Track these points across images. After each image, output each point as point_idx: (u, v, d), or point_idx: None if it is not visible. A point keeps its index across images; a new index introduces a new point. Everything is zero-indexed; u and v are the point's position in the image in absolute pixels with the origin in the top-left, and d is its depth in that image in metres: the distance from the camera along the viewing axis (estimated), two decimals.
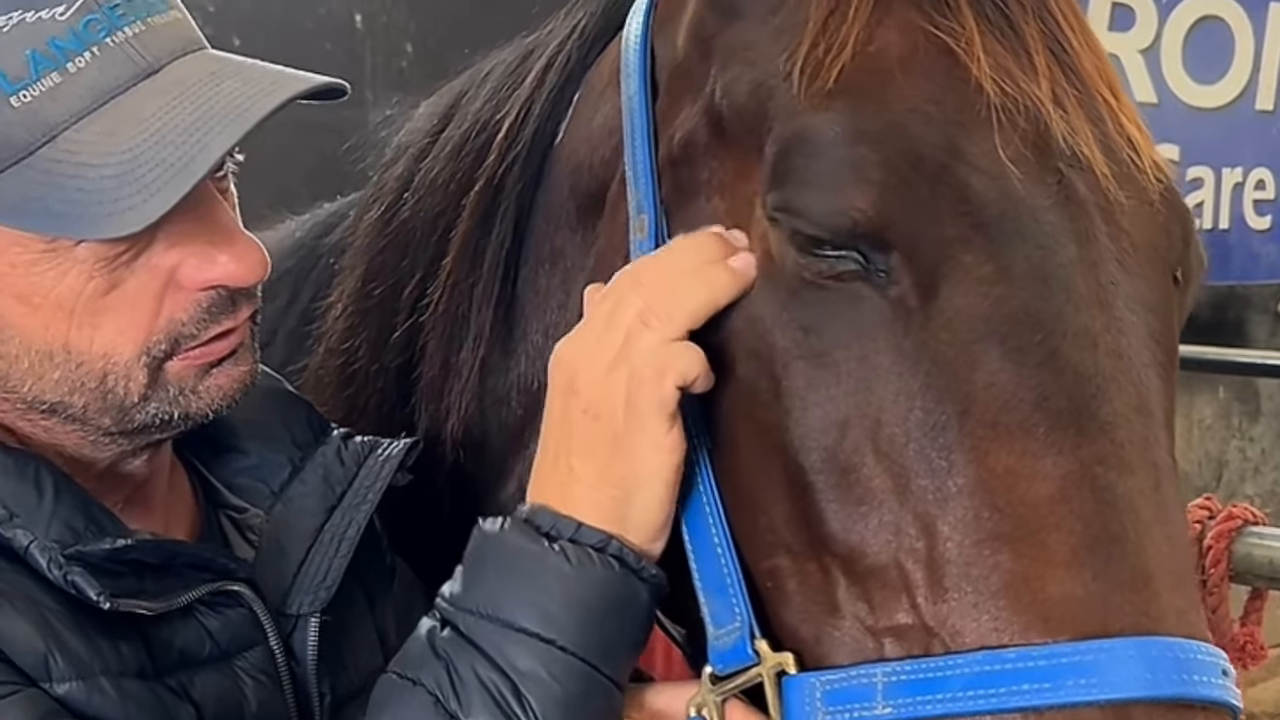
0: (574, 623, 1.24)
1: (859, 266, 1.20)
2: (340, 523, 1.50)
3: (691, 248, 1.28)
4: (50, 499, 1.31)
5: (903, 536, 1.17)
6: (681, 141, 1.36)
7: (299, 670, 1.43)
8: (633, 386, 1.24)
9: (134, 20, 1.29)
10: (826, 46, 1.23)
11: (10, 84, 1.23)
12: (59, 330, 1.29)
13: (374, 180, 1.85)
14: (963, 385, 1.17)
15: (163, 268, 1.31)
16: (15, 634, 1.23)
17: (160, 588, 1.33)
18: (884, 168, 1.18)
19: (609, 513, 1.26)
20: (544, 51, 1.61)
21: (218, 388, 1.37)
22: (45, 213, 1.24)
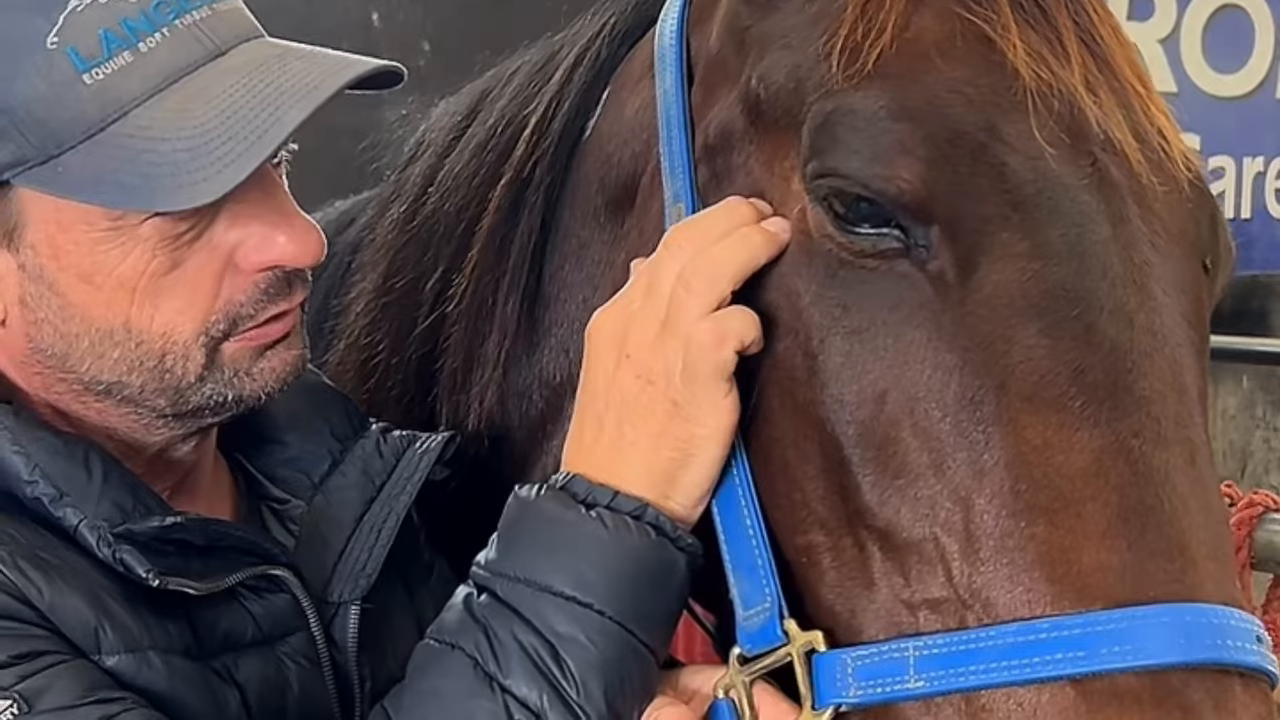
0: (611, 588, 1.26)
1: (899, 244, 1.23)
2: (379, 513, 1.53)
3: (724, 213, 1.32)
4: (99, 479, 1.34)
5: (939, 509, 1.20)
6: (718, 129, 1.39)
7: (339, 658, 1.46)
8: (692, 352, 1.27)
9: (200, 5, 1.34)
10: (865, 31, 1.27)
11: (84, 61, 1.28)
12: (120, 309, 1.33)
13: (392, 178, 1.87)
14: (1000, 359, 1.20)
15: (223, 248, 1.34)
16: (66, 606, 1.26)
17: (205, 569, 1.36)
18: (927, 143, 1.22)
19: (661, 476, 1.29)
20: (572, 50, 1.65)
21: (271, 370, 1.41)
22: (118, 186, 1.28)
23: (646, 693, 1.30)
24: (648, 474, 1.29)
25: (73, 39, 1.27)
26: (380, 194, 1.90)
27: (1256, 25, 6.02)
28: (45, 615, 1.25)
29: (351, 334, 1.76)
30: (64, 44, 1.27)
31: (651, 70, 1.50)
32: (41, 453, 1.33)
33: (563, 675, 1.25)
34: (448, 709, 1.27)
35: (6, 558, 1.26)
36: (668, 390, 1.28)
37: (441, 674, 1.28)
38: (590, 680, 1.25)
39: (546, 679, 1.24)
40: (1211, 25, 5.84)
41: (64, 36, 1.28)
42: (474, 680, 1.26)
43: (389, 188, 1.86)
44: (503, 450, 1.63)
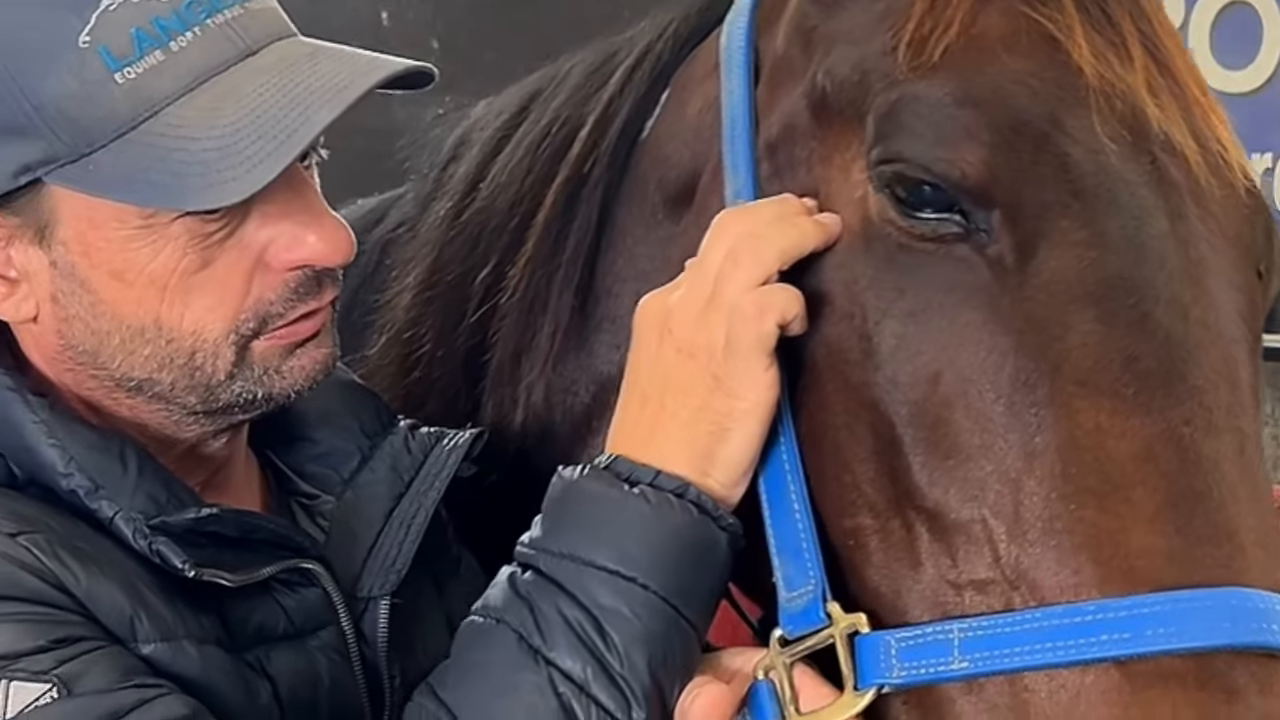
0: (654, 563, 1.28)
1: (959, 229, 1.26)
2: (409, 509, 1.54)
3: (774, 202, 1.36)
4: (134, 472, 1.36)
5: (989, 490, 1.22)
6: (781, 125, 1.43)
7: (369, 652, 1.48)
8: (733, 323, 1.30)
9: (233, 4, 1.35)
10: (932, 26, 1.30)
11: (116, 61, 1.29)
12: (151, 306, 1.34)
13: (430, 176, 1.89)
14: (1055, 344, 1.22)
15: (253, 247, 1.36)
16: (102, 594, 1.28)
17: (239, 561, 1.38)
18: (991, 129, 1.25)
19: (700, 450, 1.31)
20: (630, 52, 1.68)
21: (301, 368, 1.42)
22: (147, 185, 1.29)
23: (688, 670, 1.32)
24: (688, 449, 1.31)
25: (105, 38, 1.29)
26: (416, 192, 1.92)
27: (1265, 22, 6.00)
28: (82, 603, 1.27)
29: (393, 327, 1.78)
30: (96, 42, 1.28)
31: (715, 71, 1.53)
32: (77, 446, 1.35)
33: (607, 648, 1.26)
34: (493, 682, 1.29)
35: (45, 545, 1.27)
36: (709, 364, 1.31)
37: (486, 648, 1.30)
38: (634, 653, 1.26)
39: (590, 652, 1.26)
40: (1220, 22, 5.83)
41: (96, 35, 1.29)
42: (519, 653, 1.28)
43: (427, 185, 1.88)
44: (546, 444, 1.65)
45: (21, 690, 1.20)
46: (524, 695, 1.27)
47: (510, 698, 1.27)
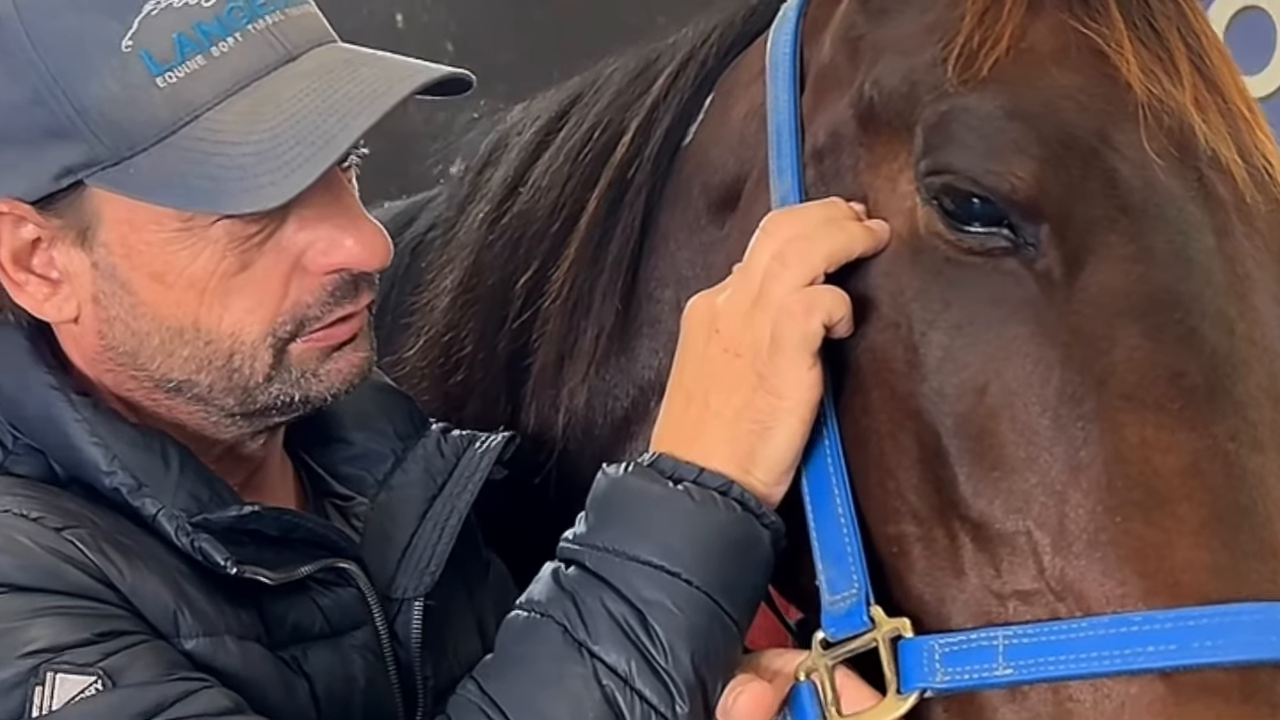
0: (698, 558, 1.29)
1: (1007, 243, 1.27)
2: (442, 511, 1.55)
3: (822, 205, 1.37)
4: (176, 470, 1.38)
5: (1034, 502, 1.23)
6: (827, 133, 1.44)
7: (403, 653, 1.49)
8: (779, 321, 1.31)
9: (274, 10, 1.36)
10: (981, 39, 1.31)
11: (157, 65, 1.31)
12: (190, 308, 1.36)
13: (465, 179, 1.90)
14: (1101, 358, 1.23)
15: (291, 250, 1.37)
16: (146, 589, 1.30)
17: (278, 560, 1.39)
18: (1041, 143, 1.26)
19: (742, 448, 1.32)
20: (673, 57, 1.69)
21: (338, 372, 1.43)
22: (186, 189, 1.31)
23: (730, 667, 1.33)
24: (730, 446, 1.32)
25: (146, 42, 1.30)
26: (450, 195, 1.93)
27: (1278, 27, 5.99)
28: (126, 597, 1.28)
29: (431, 330, 1.79)
30: (138, 47, 1.30)
31: (760, 78, 1.54)
32: (119, 444, 1.37)
33: (651, 642, 1.27)
34: (538, 675, 1.30)
35: (89, 540, 1.29)
36: (754, 362, 1.32)
37: (531, 641, 1.31)
38: (678, 647, 1.27)
39: (635, 645, 1.27)
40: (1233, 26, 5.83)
41: (138, 40, 1.30)
42: (563, 647, 1.29)
43: (463, 188, 1.89)
44: (586, 447, 1.66)
45: (67, 682, 1.21)
46: (568, 688, 1.28)
47: (555, 690, 1.29)
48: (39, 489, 1.35)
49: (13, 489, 1.34)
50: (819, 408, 1.33)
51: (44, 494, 1.34)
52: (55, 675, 1.21)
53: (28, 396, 1.40)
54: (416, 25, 4.18)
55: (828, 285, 1.33)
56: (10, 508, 1.30)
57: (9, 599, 1.24)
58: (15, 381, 1.41)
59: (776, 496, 1.34)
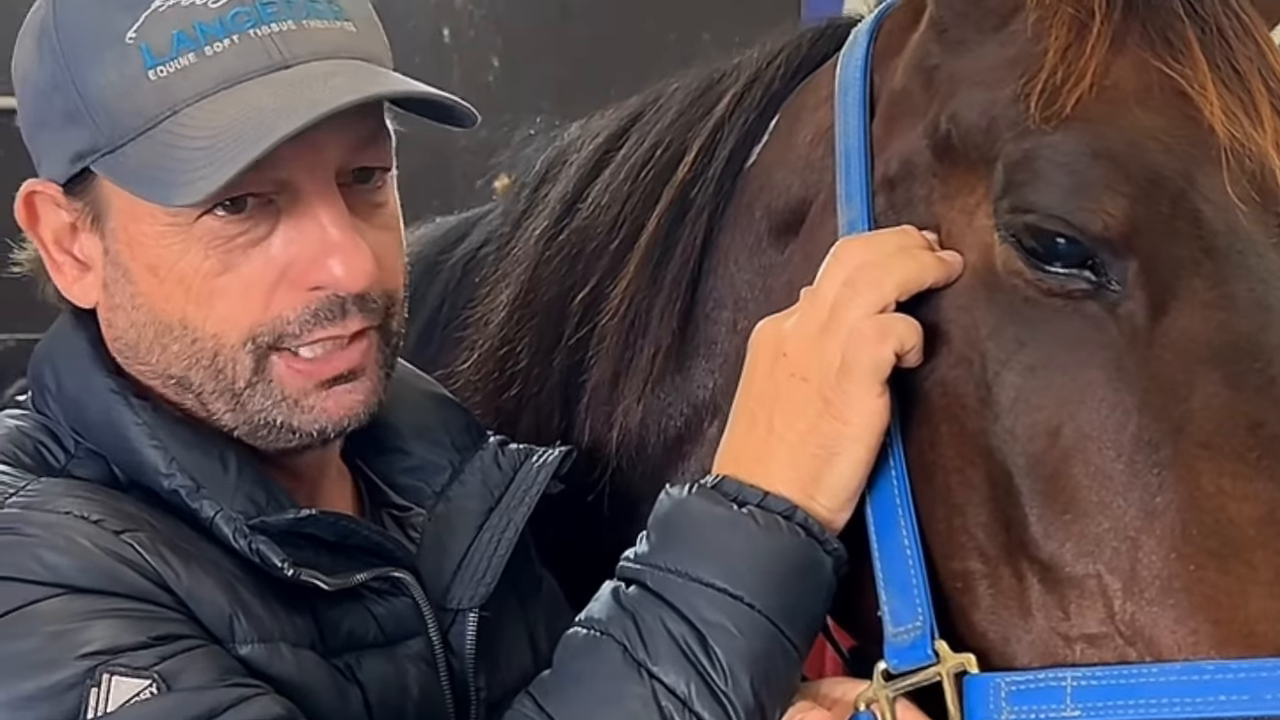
0: (760, 582, 1.29)
1: (1088, 285, 1.27)
2: (499, 523, 1.56)
3: (895, 234, 1.37)
4: (234, 473, 1.40)
5: (1105, 547, 1.23)
6: (899, 162, 1.43)
7: (456, 664, 1.50)
8: (850, 346, 1.31)
9: (286, 19, 1.37)
10: (1064, 76, 1.30)
11: (153, 58, 1.34)
12: (178, 304, 1.39)
13: (522, 195, 1.90)
14: (1180, 405, 1.23)
15: (279, 262, 1.38)
16: (202, 594, 1.31)
17: (334, 566, 1.41)
18: (1131, 182, 1.26)
19: (806, 472, 1.32)
20: (737, 78, 1.69)
21: (324, 411, 1.43)
22: (147, 179, 1.35)
23: (789, 692, 1.33)
24: (794, 471, 1.32)
25: (148, 36, 1.34)
26: (507, 210, 1.93)
27: None
28: (183, 601, 1.30)
29: (486, 344, 1.79)
30: (140, 39, 1.34)
31: (828, 102, 1.53)
32: (178, 447, 1.39)
33: (710, 664, 1.27)
34: (596, 693, 1.30)
35: (148, 544, 1.31)
36: (821, 388, 1.32)
37: (590, 659, 1.32)
38: (738, 670, 1.27)
39: (694, 667, 1.27)
40: None
41: (141, 33, 1.34)
42: (622, 666, 1.29)
43: (520, 204, 1.89)
44: (638, 465, 1.66)
45: (122, 685, 1.22)
46: (627, 707, 1.28)
47: (613, 709, 1.29)
48: (100, 491, 1.37)
49: (74, 491, 1.35)
50: (885, 436, 1.33)
51: (105, 497, 1.36)
52: (111, 677, 1.22)
53: (90, 399, 1.42)
54: (463, 41, 4.21)
55: (901, 314, 1.33)
56: (71, 509, 1.31)
57: (69, 600, 1.26)
58: (78, 384, 1.44)
59: (840, 522, 1.34)
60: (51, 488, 1.35)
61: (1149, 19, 1.32)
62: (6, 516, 1.30)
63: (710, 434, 1.58)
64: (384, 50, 1.46)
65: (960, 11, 1.40)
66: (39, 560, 1.26)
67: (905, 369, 1.33)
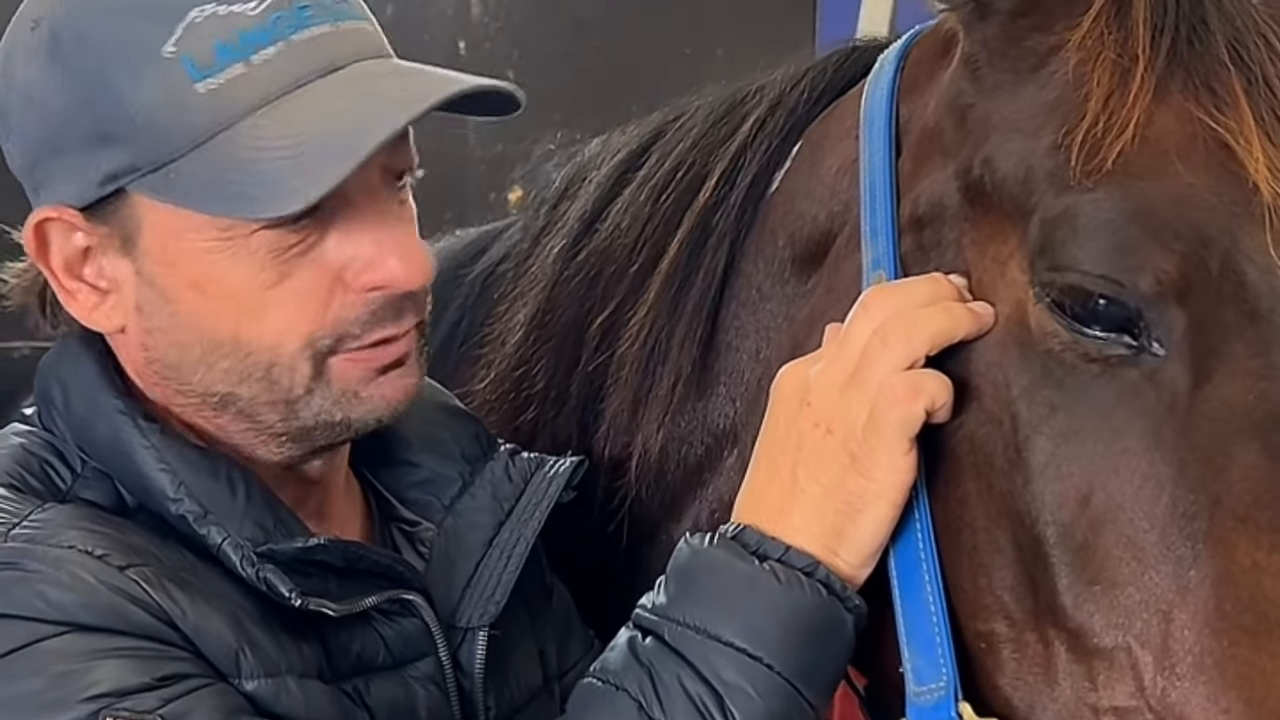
0: (781, 642, 1.27)
1: (1127, 350, 1.23)
2: (509, 538, 1.54)
3: (928, 283, 1.33)
4: (242, 498, 1.37)
5: (1136, 619, 1.20)
6: (928, 202, 1.39)
7: (465, 683, 1.48)
8: (880, 403, 1.28)
9: (322, 22, 1.35)
10: (1106, 126, 1.25)
11: (198, 71, 1.30)
12: (229, 319, 1.36)
13: (540, 210, 1.88)
14: (1217, 476, 1.20)
15: (332, 266, 1.36)
16: (208, 629, 1.30)
17: (342, 591, 1.39)
18: (1181, 239, 1.22)
19: (829, 528, 1.30)
20: (760, 100, 1.66)
21: (382, 397, 1.41)
22: (219, 195, 1.31)
23: None
24: (817, 525, 1.30)
25: (189, 48, 1.30)
26: (526, 226, 1.91)
27: None
28: (189, 637, 1.28)
29: (502, 364, 1.77)
30: (180, 53, 1.30)
31: (854, 132, 1.50)
32: (187, 470, 1.37)
33: None
34: None
35: (153, 579, 1.29)
36: (847, 442, 1.30)
37: (604, 713, 1.30)
38: None
39: None
40: None
41: (181, 46, 1.30)
42: None
43: (539, 220, 1.87)
44: (657, 493, 1.64)
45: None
46: None
47: None
48: (105, 521, 1.35)
49: (78, 522, 1.33)
50: (911, 490, 1.30)
51: (109, 528, 1.33)
52: None
53: (97, 419, 1.40)
54: (479, 53, 4.21)
55: (931, 370, 1.29)
56: (76, 544, 1.29)
57: (74, 638, 1.24)
58: (86, 404, 1.41)
59: (861, 578, 1.32)
60: (55, 518, 1.33)
61: (1194, 66, 1.27)
62: (9, 551, 1.28)
63: (729, 463, 1.57)
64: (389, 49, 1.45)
65: (996, 50, 1.35)
66: (43, 597, 1.25)
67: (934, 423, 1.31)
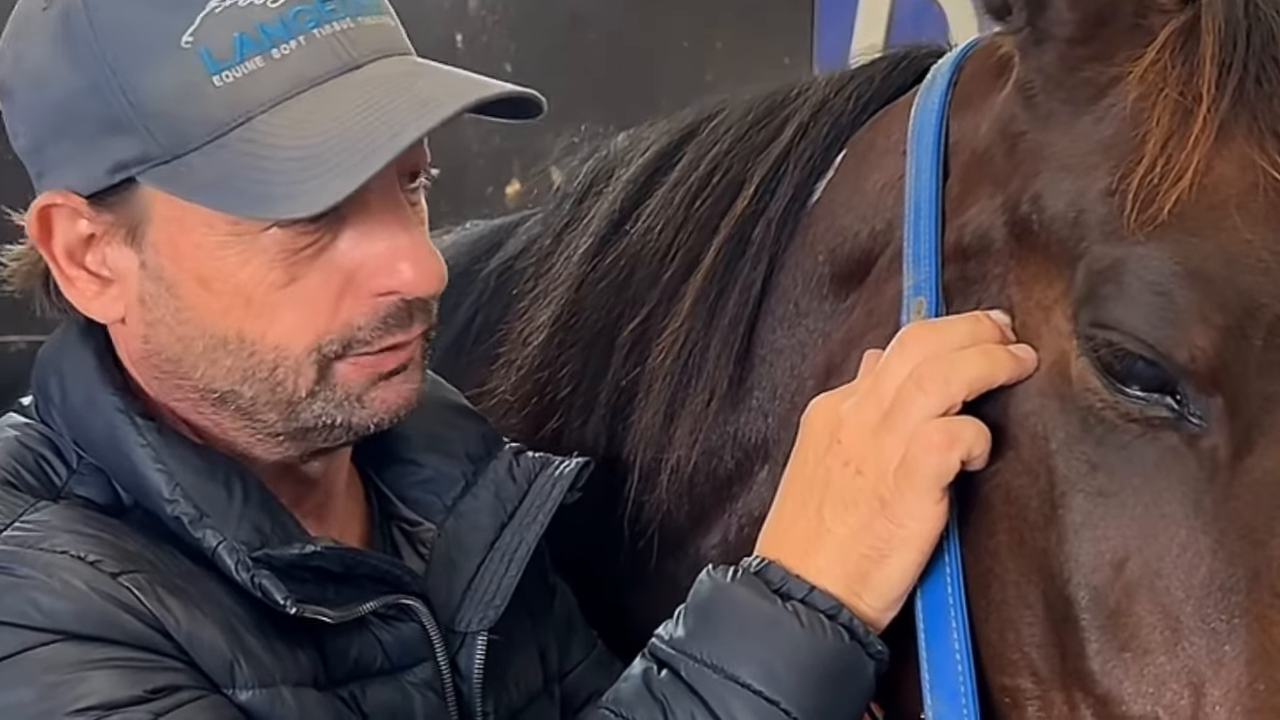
0: (799, 686, 1.26)
1: (1170, 413, 1.19)
2: (511, 541, 1.52)
3: (968, 323, 1.30)
4: (240, 500, 1.35)
5: (1166, 690, 1.18)
6: (975, 233, 1.35)
7: (464, 688, 1.47)
8: (915, 449, 1.25)
9: (344, 17, 1.32)
10: (1164, 172, 1.20)
11: (215, 63, 1.28)
12: (236, 317, 1.33)
13: (563, 206, 1.84)
14: (1258, 550, 1.17)
15: (344, 268, 1.34)
16: (203, 638, 1.28)
17: (340, 596, 1.37)
18: (1224, 311, 1.17)
19: (853, 571, 1.28)
20: (803, 105, 1.61)
21: (383, 401, 1.40)
22: (233, 191, 1.29)
23: None
24: (841, 567, 1.28)
25: (207, 39, 1.27)
26: (547, 221, 1.86)
27: None
28: (182, 646, 1.27)
29: (524, 366, 1.74)
30: (198, 43, 1.27)
31: (901, 146, 1.45)
32: (184, 471, 1.35)
33: None
34: None
35: (146, 586, 1.27)
36: (877, 485, 1.27)
37: None
38: None
39: None
40: None
41: (198, 36, 1.27)
42: None
43: (562, 216, 1.82)
44: (685, 505, 1.62)
45: None
46: None
47: None
48: (99, 524, 1.33)
49: (72, 525, 1.31)
50: (942, 535, 1.28)
51: (104, 531, 1.32)
52: None
53: (94, 416, 1.38)
54: (476, 46, 4.21)
55: (969, 417, 1.26)
56: (69, 549, 1.27)
57: (64, 647, 1.22)
58: (83, 399, 1.39)
59: (884, 621, 1.29)
60: (49, 520, 1.31)
61: (1260, 108, 1.22)
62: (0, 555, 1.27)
63: (761, 477, 1.54)
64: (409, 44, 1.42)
65: (1052, 78, 1.30)
66: (34, 604, 1.23)
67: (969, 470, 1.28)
